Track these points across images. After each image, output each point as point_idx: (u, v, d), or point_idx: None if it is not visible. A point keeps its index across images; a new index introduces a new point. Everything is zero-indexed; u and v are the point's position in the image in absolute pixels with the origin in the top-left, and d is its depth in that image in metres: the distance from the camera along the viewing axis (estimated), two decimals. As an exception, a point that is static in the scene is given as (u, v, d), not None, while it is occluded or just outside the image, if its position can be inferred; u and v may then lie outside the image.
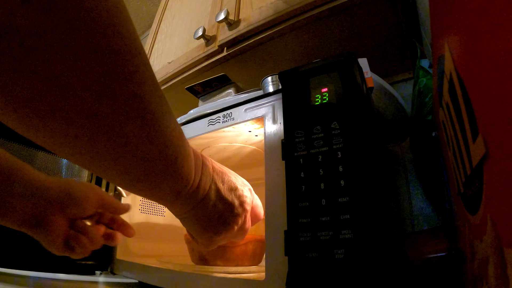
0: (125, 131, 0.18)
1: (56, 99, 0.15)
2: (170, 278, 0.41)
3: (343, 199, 0.29)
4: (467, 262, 0.25)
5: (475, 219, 0.20)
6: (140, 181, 0.22)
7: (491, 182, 0.16)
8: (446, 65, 0.25)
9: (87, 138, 0.17)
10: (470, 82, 0.19)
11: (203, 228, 0.31)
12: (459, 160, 0.24)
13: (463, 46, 0.20)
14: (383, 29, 0.58)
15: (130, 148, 0.19)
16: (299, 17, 0.57)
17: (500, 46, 0.14)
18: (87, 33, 0.14)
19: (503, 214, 0.15)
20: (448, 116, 0.26)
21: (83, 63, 0.15)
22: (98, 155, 0.18)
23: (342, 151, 0.30)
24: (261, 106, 0.41)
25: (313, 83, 0.35)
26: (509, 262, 0.14)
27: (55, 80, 0.14)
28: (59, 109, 0.15)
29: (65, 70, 0.14)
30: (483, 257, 0.18)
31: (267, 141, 0.38)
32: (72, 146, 0.17)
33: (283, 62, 0.70)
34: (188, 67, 0.76)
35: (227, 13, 0.65)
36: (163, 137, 0.21)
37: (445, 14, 0.25)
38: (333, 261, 0.27)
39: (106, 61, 0.15)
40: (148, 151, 0.20)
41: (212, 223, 0.31)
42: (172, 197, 0.26)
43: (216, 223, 0.31)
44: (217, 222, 0.31)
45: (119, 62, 0.16)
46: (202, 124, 0.47)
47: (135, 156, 0.20)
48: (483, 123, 0.17)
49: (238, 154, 0.65)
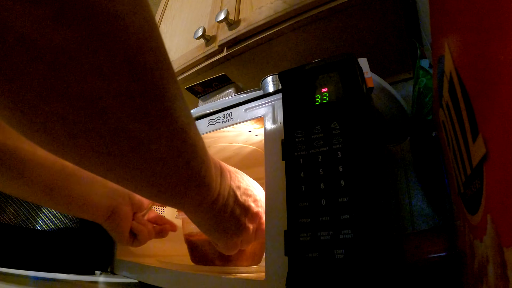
0: (156, 147, 0.18)
1: (89, 120, 0.14)
2: (170, 278, 0.41)
3: (343, 199, 0.29)
4: (467, 262, 0.25)
5: (475, 219, 0.20)
6: (165, 192, 0.22)
7: (491, 182, 0.16)
8: (446, 65, 0.25)
9: (119, 155, 0.17)
10: (470, 82, 0.19)
11: (222, 233, 0.31)
12: (459, 160, 0.24)
13: (463, 46, 0.20)
14: (383, 29, 0.58)
15: (158, 162, 0.19)
16: (299, 17, 0.57)
17: (500, 46, 0.14)
18: (123, 48, 0.13)
19: (503, 214, 0.15)
20: (448, 116, 0.26)
21: (119, 80, 0.14)
22: (127, 170, 0.18)
23: (342, 151, 0.30)
24: (261, 106, 0.41)
25: (313, 83, 0.35)
26: (509, 262, 0.14)
27: (89, 100, 0.13)
28: (92, 129, 0.14)
29: (99, 89, 0.13)
30: (483, 257, 0.18)
31: (267, 141, 0.38)
32: (103, 163, 0.17)
33: (283, 62, 0.70)
34: (188, 67, 0.76)
35: (227, 13, 0.65)
36: (190, 148, 0.21)
37: (445, 14, 0.25)
38: (333, 261, 0.27)
39: (143, 77, 0.15)
40: (175, 164, 0.20)
41: (231, 228, 0.31)
42: (195, 206, 0.27)
43: (234, 228, 0.32)
44: (235, 226, 0.32)
45: (155, 78, 0.16)
46: (202, 124, 0.47)
47: (162, 170, 0.20)
48: (483, 123, 0.17)
49: (238, 154, 0.65)
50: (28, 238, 0.32)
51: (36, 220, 0.48)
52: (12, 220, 0.45)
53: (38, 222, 0.48)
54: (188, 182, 0.23)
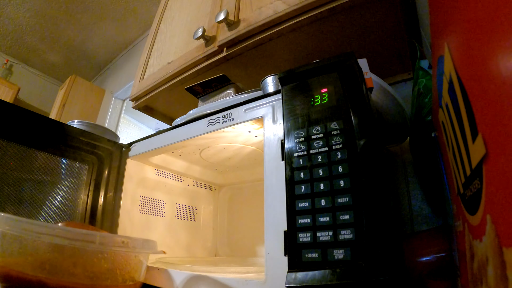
0: None
1: None
2: (170, 278, 0.41)
3: (342, 199, 0.29)
4: (467, 262, 0.25)
5: (474, 220, 0.20)
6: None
7: (491, 183, 0.16)
8: (445, 66, 0.25)
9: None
10: (470, 83, 0.19)
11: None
12: (458, 160, 0.24)
13: (462, 46, 0.20)
14: (382, 29, 0.58)
15: None
16: (298, 18, 0.57)
17: (499, 47, 0.14)
18: None
19: (502, 214, 0.15)
20: (448, 117, 0.26)
21: None
22: None
23: (342, 152, 0.30)
24: (260, 106, 0.41)
25: (312, 84, 0.35)
26: (509, 262, 0.14)
27: None
28: None
29: None
30: (482, 258, 0.18)
31: (267, 141, 0.38)
32: None
33: (282, 63, 0.70)
34: (188, 67, 0.76)
35: (227, 14, 0.65)
36: None
37: (444, 15, 0.25)
38: (332, 261, 0.27)
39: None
40: None
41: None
42: None
43: None
44: None
45: None
46: (202, 124, 0.47)
47: None
48: (482, 124, 0.17)
49: (238, 155, 0.65)
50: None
51: (36, 220, 0.48)
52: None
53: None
54: None
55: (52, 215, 0.51)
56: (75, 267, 0.31)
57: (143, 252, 0.38)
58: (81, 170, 0.57)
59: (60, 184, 0.54)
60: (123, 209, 0.58)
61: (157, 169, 0.67)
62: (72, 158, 0.56)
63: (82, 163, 0.57)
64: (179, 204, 0.72)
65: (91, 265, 0.32)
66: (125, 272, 0.35)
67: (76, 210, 0.55)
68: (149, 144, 0.56)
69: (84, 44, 2.40)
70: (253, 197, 0.77)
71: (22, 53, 2.51)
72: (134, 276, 0.37)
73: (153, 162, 0.64)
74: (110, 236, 0.36)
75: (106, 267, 0.33)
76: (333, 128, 0.32)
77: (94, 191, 0.57)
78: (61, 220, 0.52)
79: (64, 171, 0.55)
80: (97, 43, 2.39)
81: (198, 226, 0.76)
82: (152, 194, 0.65)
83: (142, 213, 0.62)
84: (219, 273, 0.37)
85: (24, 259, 0.29)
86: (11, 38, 2.32)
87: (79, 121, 0.62)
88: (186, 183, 0.75)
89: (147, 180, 0.65)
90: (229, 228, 0.79)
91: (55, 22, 2.17)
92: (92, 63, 2.65)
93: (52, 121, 0.53)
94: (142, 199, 0.63)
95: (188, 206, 0.74)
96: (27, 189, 0.49)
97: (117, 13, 2.09)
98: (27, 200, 0.48)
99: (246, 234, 0.75)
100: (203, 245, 0.75)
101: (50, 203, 0.51)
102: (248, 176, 0.76)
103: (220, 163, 0.71)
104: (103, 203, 0.57)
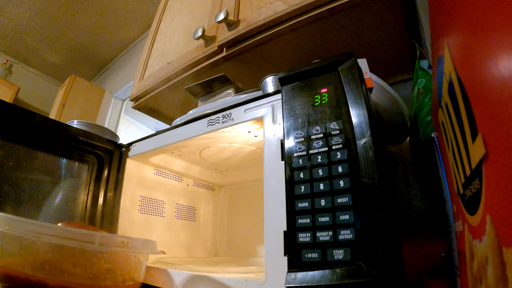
0: None
1: None
2: (170, 278, 0.41)
3: (342, 199, 0.29)
4: (466, 262, 0.25)
5: (474, 220, 0.20)
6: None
7: (490, 183, 0.16)
8: (445, 66, 0.25)
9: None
10: (469, 83, 0.19)
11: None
12: (458, 160, 0.24)
13: (462, 46, 0.20)
14: (382, 30, 0.58)
15: None
16: (298, 18, 0.57)
17: (499, 47, 0.14)
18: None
19: (502, 214, 0.15)
20: (448, 117, 0.26)
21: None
22: None
23: (342, 152, 0.30)
24: (260, 106, 0.41)
25: (312, 84, 0.35)
26: (508, 262, 0.14)
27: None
28: None
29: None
30: (482, 258, 0.18)
31: (267, 141, 0.38)
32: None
33: (282, 63, 0.70)
34: (188, 67, 0.76)
35: (227, 14, 0.65)
36: None
37: (444, 15, 0.25)
38: (332, 261, 0.27)
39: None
40: None
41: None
42: None
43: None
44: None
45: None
46: (202, 124, 0.47)
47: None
48: (482, 124, 0.17)
49: (237, 155, 0.65)
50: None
51: (36, 220, 0.48)
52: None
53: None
54: None
55: (52, 215, 0.51)
56: (75, 267, 0.31)
57: (143, 252, 0.38)
58: (80, 170, 0.57)
59: (60, 184, 0.54)
60: (122, 209, 0.57)
61: (157, 169, 0.67)
62: (71, 158, 0.56)
63: (81, 163, 0.57)
64: (178, 204, 0.72)
65: (91, 265, 0.32)
66: (125, 272, 0.35)
67: (76, 210, 0.55)
68: (149, 144, 0.56)
69: (84, 44, 2.40)
70: (253, 197, 0.77)
71: (22, 53, 2.51)
72: (134, 276, 0.37)
73: (153, 162, 0.64)
74: (110, 236, 0.36)
75: (106, 267, 0.33)
76: (333, 128, 0.32)
77: (94, 191, 0.57)
78: (61, 220, 0.52)
79: (64, 171, 0.55)
80: (97, 43, 2.39)
81: (198, 226, 0.76)
82: (152, 194, 0.65)
83: (141, 213, 0.62)
84: (219, 273, 0.37)
85: (24, 259, 0.29)
86: (11, 38, 2.32)
87: (78, 121, 0.62)
88: (186, 183, 0.75)
89: (146, 180, 0.65)
90: (229, 228, 0.79)
91: (55, 22, 2.17)
92: (92, 63, 2.65)
93: (52, 121, 0.53)
94: (142, 199, 0.63)
95: (188, 206, 0.74)
96: (27, 189, 0.49)
97: (117, 13, 2.09)
98: (27, 200, 0.48)
99: (246, 234, 0.75)
100: (202, 245, 0.75)
101: (50, 203, 0.51)
102: (248, 176, 0.76)
103: (220, 163, 0.71)
104: (103, 203, 0.57)
